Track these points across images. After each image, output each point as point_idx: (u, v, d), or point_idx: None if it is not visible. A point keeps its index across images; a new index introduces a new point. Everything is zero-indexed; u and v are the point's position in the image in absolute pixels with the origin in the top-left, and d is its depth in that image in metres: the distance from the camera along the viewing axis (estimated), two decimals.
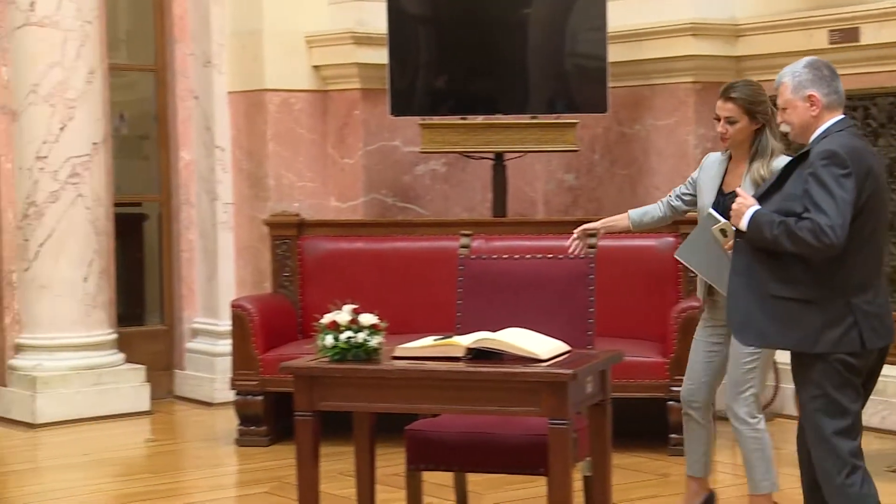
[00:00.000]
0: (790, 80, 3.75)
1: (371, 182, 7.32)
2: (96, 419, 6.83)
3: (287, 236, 6.60)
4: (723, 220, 4.30)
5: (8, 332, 7.01)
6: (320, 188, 7.39)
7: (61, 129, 6.85)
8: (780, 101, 3.80)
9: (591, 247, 4.76)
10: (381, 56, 7.03)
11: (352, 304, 4.03)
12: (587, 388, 3.98)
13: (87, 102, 6.90)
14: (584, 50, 6.81)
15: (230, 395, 6.51)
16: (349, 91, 7.31)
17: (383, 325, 4.02)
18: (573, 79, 6.87)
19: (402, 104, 6.89)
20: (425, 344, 4.05)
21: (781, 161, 4.42)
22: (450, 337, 4.09)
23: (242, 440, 6.26)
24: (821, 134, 3.71)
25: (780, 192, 3.70)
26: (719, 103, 4.55)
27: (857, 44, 6.37)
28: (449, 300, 4.82)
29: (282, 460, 5.80)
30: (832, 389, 3.67)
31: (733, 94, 4.52)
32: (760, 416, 4.59)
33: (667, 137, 6.94)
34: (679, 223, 5.49)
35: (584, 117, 6.98)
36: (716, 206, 4.46)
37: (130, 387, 7.02)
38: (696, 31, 6.76)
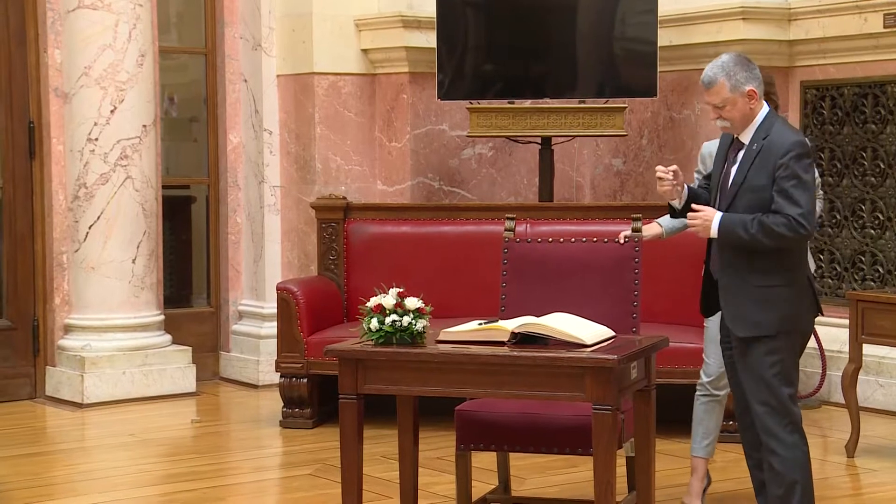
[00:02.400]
0: (726, 78, 3.91)
1: (418, 166, 7.32)
2: (143, 400, 6.89)
3: (333, 219, 6.61)
4: None
5: (58, 313, 7.08)
6: (367, 172, 7.39)
7: (112, 111, 6.90)
8: (716, 100, 3.93)
9: (636, 230, 4.73)
10: (429, 40, 7.02)
11: (397, 287, 4.03)
12: (632, 373, 3.96)
13: (137, 85, 6.94)
14: (634, 34, 6.76)
15: (275, 378, 6.54)
16: (397, 74, 7.30)
17: (428, 308, 4.02)
18: (622, 63, 6.82)
19: (450, 88, 6.88)
20: (470, 328, 4.04)
21: None
22: (494, 321, 4.08)
23: (287, 422, 6.28)
24: (762, 124, 3.93)
25: (745, 186, 3.90)
26: None
27: None
28: (494, 284, 4.82)
29: (325, 443, 5.83)
30: (793, 358, 4.00)
31: None
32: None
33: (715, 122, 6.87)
34: None
35: (632, 102, 6.94)
36: None
37: (177, 368, 7.08)
38: (747, 14, 6.69)
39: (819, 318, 6.58)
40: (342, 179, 7.32)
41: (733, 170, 3.99)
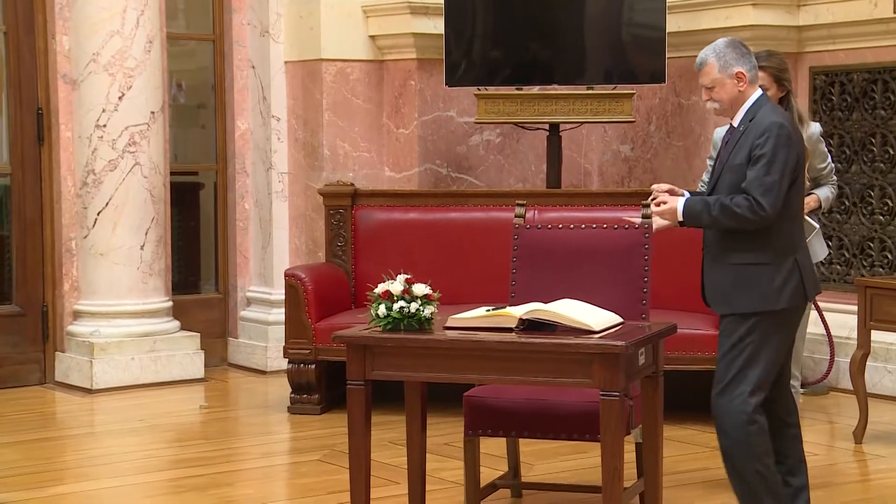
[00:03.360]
0: (716, 59, 3.94)
1: (426, 152, 7.32)
2: (151, 385, 6.92)
3: (341, 206, 6.61)
4: None
5: (66, 299, 7.10)
6: (375, 158, 7.39)
7: (120, 97, 6.91)
8: (706, 81, 3.97)
9: (647, 217, 4.72)
10: (437, 26, 7.01)
11: (405, 274, 4.03)
12: (640, 360, 3.97)
13: (145, 71, 6.95)
14: (643, 20, 6.75)
15: (283, 364, 6.56)
16: (405, 61, 7.30)
17: (436, 295, 4.02)
18: (630, 49, 6.81)
19: (458, 74, 6.87)
20: (478, 314, 4.04)
21: (815, 128, 4.53)
22: (503, 307, 4.08)
23: (295, 408, 6.30)
24: (751, 107, 3.95)
25: (727, 166, 3.95)
26: None
27: None
28: (502, 271, 4.82)
29: (333, 428, 5.84)
30: (767, 340, 3.95)
31: (764, 63, 4.62)
32: None
33: None
34: None
35: (640, 88, 6.93)
36: None
37: (185, 354, 7.09)
38: (756, 0, 6.67)
39: (827, 305, 6.65)
40: (350, 166, 7.32)
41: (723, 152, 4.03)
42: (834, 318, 6.62)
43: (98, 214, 6.95)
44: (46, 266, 7.13)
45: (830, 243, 6.83)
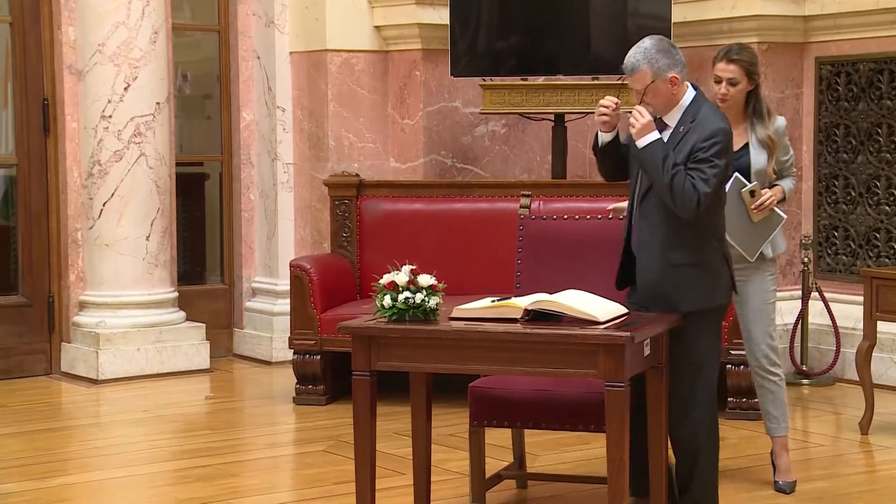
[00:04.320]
0: (648, 66, 3.96)
1: (431, 143, 7.31)
2: (157, 376, 6.92)
3: (346, 197, 6.61)
4: (749, 183, 4.60)
5: (72, 290, 7.11)
6: (380, 149, 7.39)
7: (125, 88, 6.90)
8: (638, 87, 3.98)
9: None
10: (442, 16, 7.00)
11: (410, 264, 4.03)
12: (645, 350, 3.96)
13: (150, 62, 6.95)
14: (648, 10, 6.73)
15: (288, 354, 6.56)
16: (410, 51, 7.29)
17: (441, 286, 4.02)
18: (636, 39, 6.69)
19: (463, 65, 6.86)
20: (483, 305, 4.04)
21: (780, 122, 4.61)
22: (508, 298, 4.08)
23: (300, 399, 6.31)
24: (689, 107, 3.98)
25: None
26: (721, 65, 4.69)
27: None
28: (507, 261, 4.82)
29: (339, 419, 5.85)
30: (717, 338, 4.12)
31: (736, 57, 4.67)
32: None
33: None
34: None
35: None
36: None
37: (190, 345, 7.10)
38: None
39: (833, 295, 6.65)
40: (355, 157, 7.32)
41: None
42: (840, 309, 6.61)
43: (104, 205, 6.96)
44: (52, 257, 7.14)
45: (837, 234, 6.83)
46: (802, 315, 6.66)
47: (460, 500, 4.48)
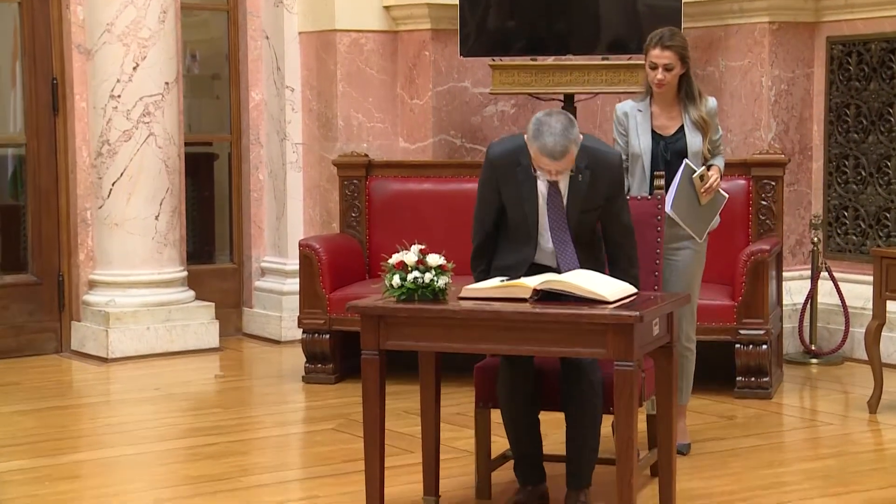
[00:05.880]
0: (575, 146, 4.05)
1: (440, 123, 7.31)
2: (167, 355, 6.95)
3: (355, 177, 6.61)
4: (697, 168, 4.73)
5: (82, 269, 7.13)
6: (389, 129, 7.38)
7: (134, 68, 6.90)
8: (567, 165, 4.05)
9: (659, 188, 4.75)
10: None
11: (419, 244, 4.04)
12: (654, 330, 3.97)
13: (159, 42, 6.94)
14: None
15: (297, 334, 6.57)
16: (419, 31, 7.27)
17: (450, 265, 4.02)
18: (646, 19, 6.76)
19: (473, 45, 6.85)
20: (492, 285, 4.05)
21: (712, 102, 4.83)
22: (516, 278, 4.08)
23: (309, 378, 6.32)
24: (580, 152, 4.09)
25: (583, 209, 4.15)
26: (656, 52, 4.77)
27: None
28: None
29: (348, 398, 5.86)
30: None
31: (669, 43, 4.76)
32: None
33: (741, 79, 6.83)
34: None
35: None
36: (655, 149, 4.77)
37: (200, 324, 7.12)
38: None
39: (843, 275, 6.64)
40: (364, 137, 7.31)
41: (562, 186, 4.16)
42: (849, 289, 6.60)
43: (113, 185, 6.97)
44: (62, 236, 7.15)
45: (847, 213, 6.81)
46: (812, 294, 6.65)
47: (469, 478, 4.49)
